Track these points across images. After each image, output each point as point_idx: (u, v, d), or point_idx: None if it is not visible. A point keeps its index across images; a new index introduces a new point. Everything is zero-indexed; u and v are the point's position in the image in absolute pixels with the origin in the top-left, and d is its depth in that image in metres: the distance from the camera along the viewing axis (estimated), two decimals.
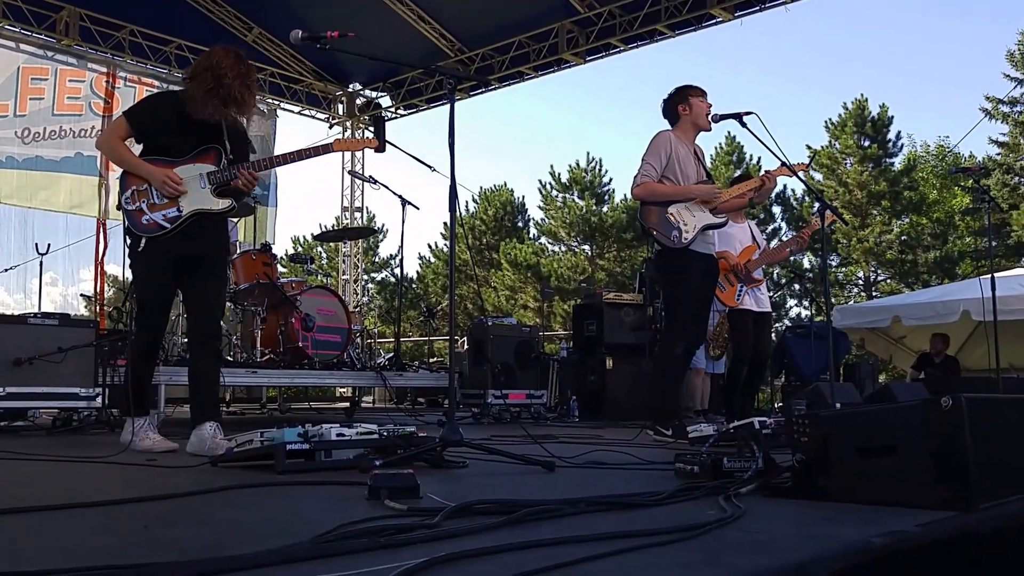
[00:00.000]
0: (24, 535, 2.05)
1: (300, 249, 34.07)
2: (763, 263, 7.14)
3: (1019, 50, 31.73)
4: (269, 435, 3.30)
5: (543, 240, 36.15)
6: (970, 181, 18.63)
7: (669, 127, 5.73)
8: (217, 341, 4.69)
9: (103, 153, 4.61)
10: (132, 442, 4.32)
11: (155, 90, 12.86)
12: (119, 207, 4.49)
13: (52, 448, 4.50)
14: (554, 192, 35.43)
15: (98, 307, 10.79)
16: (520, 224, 37.49)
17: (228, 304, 7.74)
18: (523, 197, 37.74)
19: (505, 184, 38.06)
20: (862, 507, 2.36)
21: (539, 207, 36.18)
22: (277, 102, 14.99)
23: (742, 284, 6.89)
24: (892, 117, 31.31)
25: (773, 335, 12.58)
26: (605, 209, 34.51)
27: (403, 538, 1.84)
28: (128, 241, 4.45)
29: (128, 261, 4.53)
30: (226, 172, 4.45)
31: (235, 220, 7.54)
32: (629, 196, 32.20)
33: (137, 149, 4.55)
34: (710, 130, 5.80)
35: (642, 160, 5.57)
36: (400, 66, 14.81)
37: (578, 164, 35.26)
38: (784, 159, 5.40)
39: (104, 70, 12.43)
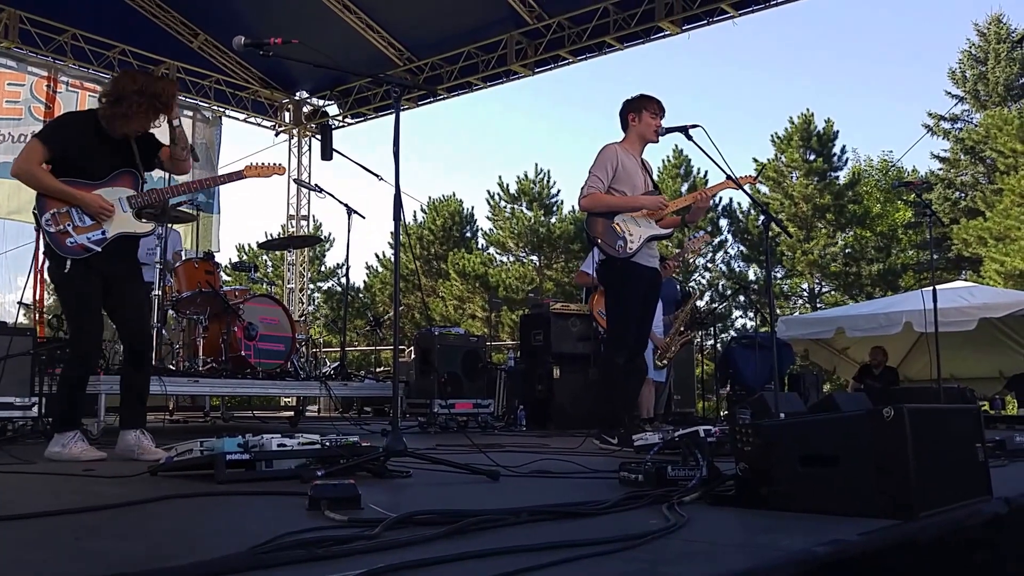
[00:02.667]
0: None
1: (245, 257, 33.75)
2: None
3: (960, 68, 32.55)
4: (209, 444, 3.24)
5: (491, 250, 36.20)
6: (912, 195, 19.04)
7: (617, 140, 5.78)
8: (147, 349, 4.83)
9: (22, 181, 4.52)
10: (60, 454, 4.34)
11: (98, 95, 12.67)
12: (37, 227, 4.51)
13: None
14: (502, 203, 35.52)
15: (37, 315, 10.57)
16: (468, 234, 37.49)
17: (170, 312, 7.64)
18: (472, 207, 37.81)
19: (454, 194, 38.10)
20: (805, 516, 2.37)
21: (487, 217, 36.28)
22: (222, 109, 14.84)
23: None
24: (837, 132, 31.91)
25: (719, 346, 12.71)
26: (553, 220, 34.68)
27: (342, 549, 1.81)
28: (49, 263, 4.50)
29: (52, 282, 4.59)
30: (145, 197, 4.65)
31: (179, 229, 7.48)
32: (577, 208, 32.44)
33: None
34: (656, 142, 5.85)
35: (589, 172, 5.63)
36: (347, 74, 14.76)
37: (527, 175, 35.43)
38: (730, 172, 5.44)
39: (45, 74, 12.20)
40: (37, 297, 11.20)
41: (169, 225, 7.59)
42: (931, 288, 7.83)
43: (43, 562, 1.85)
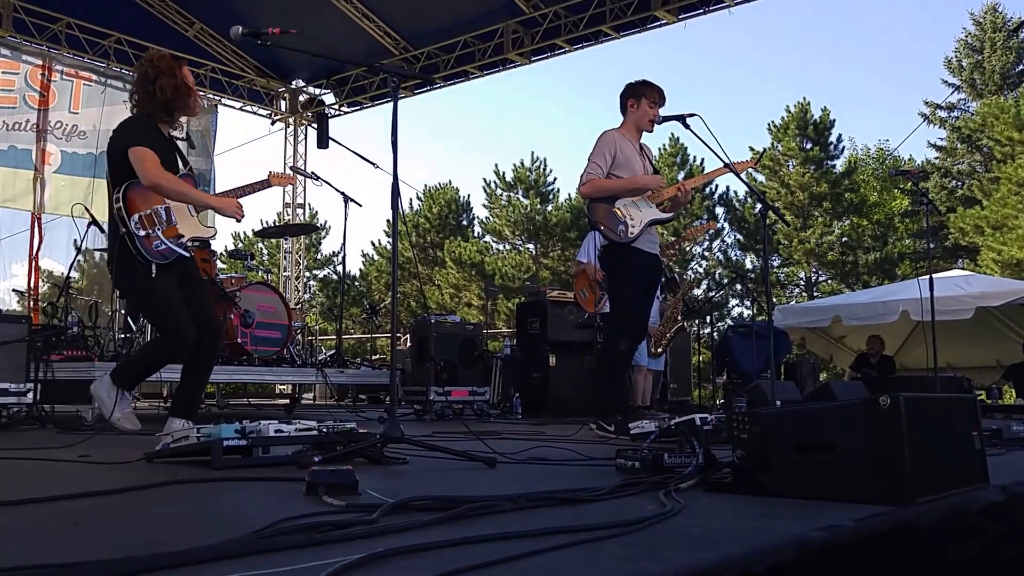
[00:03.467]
0: None
1: (241, 245, 33.70)
2: None
3: (956, 57, 32.54)
4: (206, 431, 3.24)
5: (487, 238, 36.21)
6: (909, 184, 19.03)
7: (615, 126, 5.78)
8: (218, 339, 4.95)
9: (164, 194, 4.48)
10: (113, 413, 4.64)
11: (93, 84, 12.65)
12: (126, 233, 4.45)
13: None
14: (499, 191, 35.50)
15: (32, 302, 10.56)
16: (465, 222, 37.50)
17: None
18: (468, 196, 37.87)
19: (450, 182, 38.13)
20: (800, 502, 2.38)
21: (484, 205, 36.31)
22: (218, 97, 14.81)
23: (604, 292, 6.99)
24: (834, 120, 31.93)
25: (715, 334, 12.71)
26: (549, 208, 34.67)
27: (340, 534, 1.81)
28: (135, 267, 4.45)
29: (137, 287, 4.59)
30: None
31: None
32: (574, 195, 32.42)
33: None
34: (651, 132, 5.86)
35: (588, 159, 5.64)
36: (345, 64, 14.72)
37: (523, 163, 35.41)
38: (726, 160, 5.44)
39: (39, 63, 12.16)
40: (32, 285, 11.20)
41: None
42: (928, 277, 7.83)
43: (43, 546, 1.85)
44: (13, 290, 11.61)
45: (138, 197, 4.47)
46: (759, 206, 5.92)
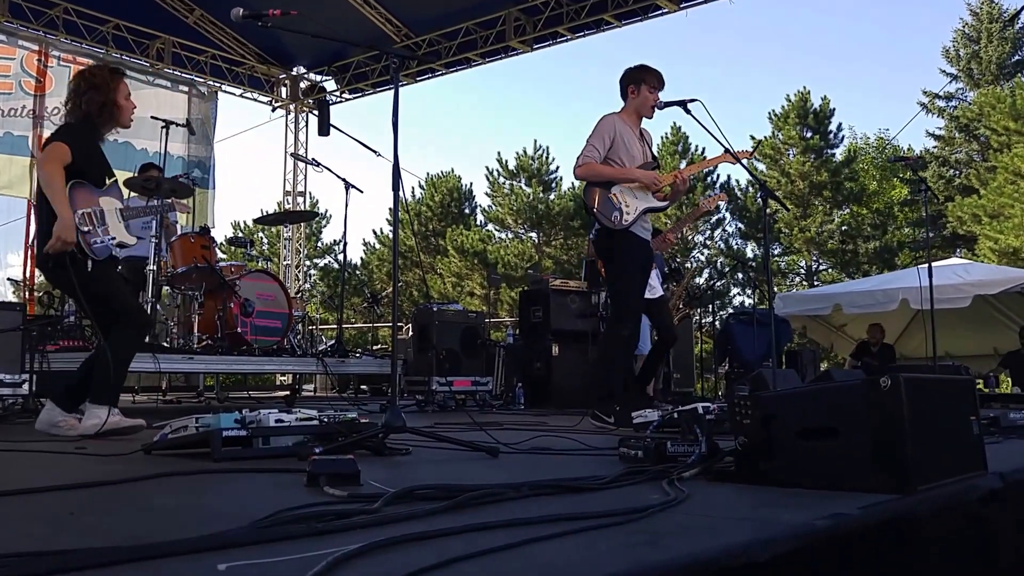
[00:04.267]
0: None
1: (240, 234, 33.67)
2: (657, 249, 7.18)
3: (954, 47, 32.51)
4: (205, 421, 3.21)
5: (490, 227, 36.16)
6: (908, 172, 19.01)
7: (616, 111, 5.75)
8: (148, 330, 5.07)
9: (43, 184, 4.50)
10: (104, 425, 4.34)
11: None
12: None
13: None
14: (501, 179, 35.46)
15: (27, 292, 10.53)
16: (467, 211, 37.45)
17: (165, 288, 7.58)
18: (470, 184, 37.79)
19: (452, 170, 38.08)
20: (804, 490, 2.37)
21: (486, 194, 36.26)
22: (218, 84, 14.76)
23: None
24: (834, 109, 31.93)
25: (718, 323, 12.71)
26: (552, 196, 34.62)
27: (342, 523, 1.80)
28: (70, 261, 4.42)
29: (80, 279, 4.48)
30: (131, 211, 4.91)
31: (181, 203, 7.44)
32: (576, 184, 32.36)
33: None
34: (651, 118, 5.83)
35: (586, 141, 5.60)
36: (345, 48, 14.69)
37: (525, 151, 35.35)
38: (728, 146, 5.40)
39: (36, 48, 12.10)
40: (28, 274, 11.16)
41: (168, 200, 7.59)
42: (927, 265, 7.81)
43: (43, 536, 1.84)
44: (8, 279, 11.56)
45: (81, 195, 4.51)
46: (760, 194, 5.88)
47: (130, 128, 4.99)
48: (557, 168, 35.37)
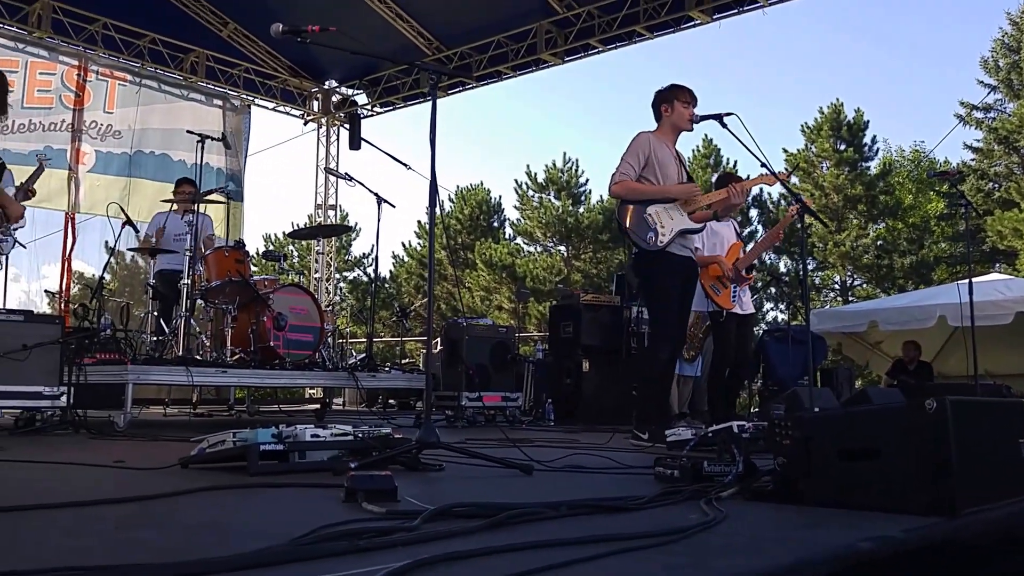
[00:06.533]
0: None
1: (272, 247, 33.86)
2: (750, 260, 7.04)
3: (993, 57, 32.09)
4: (242, 435, 3.23)
5: (519, 240, 36.13)
6: (946, 186, 18.80)
7: (651, 129, 5.72)
8: None
9: None
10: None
11: (128, 84, 12.76)
12: None
13: (15, 448, 4.39)
14: (530, 192, 35.43)
15: (63, 304, 10.63)
16: (496, 224, 37.43)
17: (199, 302, 7.62)
18: (499, 197, 37.68)
19: (481, 183, 38.06)
20: (844, 511, 2.34)
21: (515, 207, 36.17)
22: (251, 98, 14.85)
23: (736, 285, 6.75)
24: (868, 121, 31.55)
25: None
26: (581, 210, 34.54)
27: (383, 541, 1.80)
28: None
29: None
30: None
31: (211, 213, 7.48)
32: (606, 197, 32.32)
33: None
34: (691, 131, 5.77)
35: (621, 159, 5.55)
36: (377, 63, 14.75)
37: (554, 164, 35.29)
38: (765, 160, 5.37)
39: (75, 63, 12.25)
40: (64, 286, 11.28)
41: (202, 209, 7.63)
42: (967, 281, 7.68)
43: (88, 549, 1.85)
44: (45, 291, 11.64)
45: None
46: (798, 209, 5.77)
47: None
48: (586, 181, 35.34)
